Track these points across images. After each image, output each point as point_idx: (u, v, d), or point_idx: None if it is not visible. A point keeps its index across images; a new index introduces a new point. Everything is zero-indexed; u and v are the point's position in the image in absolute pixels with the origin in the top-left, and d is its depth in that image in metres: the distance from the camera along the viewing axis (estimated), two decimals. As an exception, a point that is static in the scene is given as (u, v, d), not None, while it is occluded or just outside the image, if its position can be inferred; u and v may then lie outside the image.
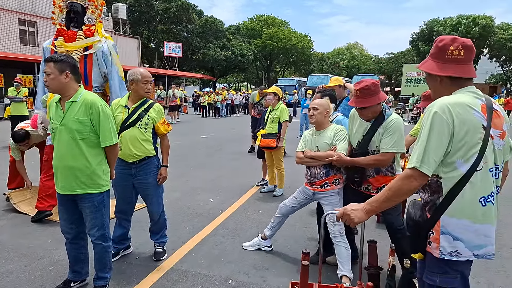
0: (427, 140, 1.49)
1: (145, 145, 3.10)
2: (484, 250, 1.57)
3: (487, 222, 1.54)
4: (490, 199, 1.54)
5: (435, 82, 1.64)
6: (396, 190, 1.53)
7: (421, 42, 40.63)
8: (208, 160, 8.27)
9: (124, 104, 3.12)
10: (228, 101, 23.22)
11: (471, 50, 1.58)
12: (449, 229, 1.54)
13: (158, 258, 3.30)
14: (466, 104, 1.51)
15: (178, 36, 38.21)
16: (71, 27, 4.55)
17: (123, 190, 3.20)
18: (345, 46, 69.60)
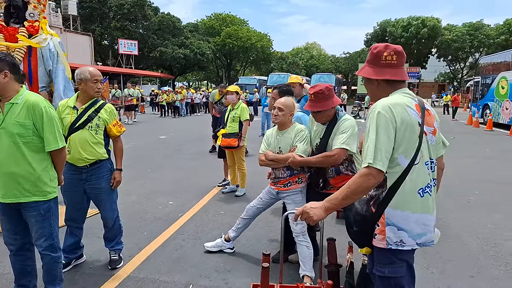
0: (376, 139, 1.57)
1: (96, 148, 2.94)
2: (424, 238, 1.69)
3: (426, 211, 1.67)
4: (427, 190, 1.67)
5: (372, 86, 1.78)
6: (355, 188, 1.57)
7: (375, 42, 42.35)
8: (167, 161, 8.05)
9: (72, 105, 2.93)
10: (187, 100, 22.77)
11: (402, 55, 1.73)
12: (393, 221, 1.64)
13: (113, 266, 3.15)
14: (403, 104, 1.64)
15: (133, 33, 36.88)
16: (11, 23, 4.22)
17: (73, 197, 3.02)
18: (304, 45, 71.11)
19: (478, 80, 18.67)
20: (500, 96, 15.76)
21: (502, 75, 15.74)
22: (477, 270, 3.20)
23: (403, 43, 39.16)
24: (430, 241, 1.71)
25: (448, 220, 4.40)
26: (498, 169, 7.35)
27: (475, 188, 5.89)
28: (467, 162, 8.11)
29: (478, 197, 5.39)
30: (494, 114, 16.08)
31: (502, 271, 3.18)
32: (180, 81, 55.85)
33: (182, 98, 21.73)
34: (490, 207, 4.94)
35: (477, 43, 39.68)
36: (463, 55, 41.72)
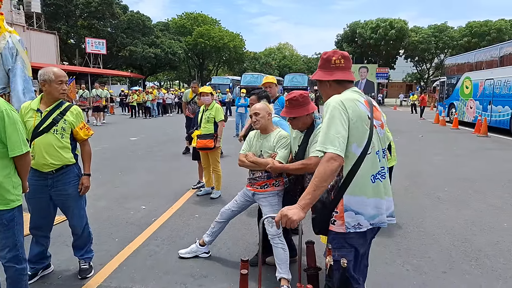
0: (331, 128, 1.71)
1: (63, 153, 2.78)
2: (377, 219, 1.85)
3: (377, 196, 1.84)
4: (378, 177, 1.84)
5: (325, 87, 1.97)
6: (321, 175, 1.65)
7: (345, 43, 43.52)
8: (139, 164, 7.80)
9: (35, 108, 2.75)
10: (159, 100, 22.31)
11: (348, 60, 1.95)
12: (351, 206, 1.80)
13: (84, 276, 2.99)
14: (354, 98, 1.82)
15: (101, 32, 35.70)
16: None
17: (38, 204, 2.84)
18: (276, 46, 71.68)
19: (444, 80, 19.42)
20: (464, 96, 16.50)
21: (466, 75, 16.45)
22: (449, 266, 3.27)
23: (372, 44, 40.38)
24: (382, 222, 1.87)
25: (422, 217, 4.52)
26: (465, 166, 7.63)
27: (444, 185, 6.08)
28: (436, 159, 8.38)
29: (447, 194, 5.56)
30: (459, 113, 16.76)
31: (473, 266, 3.28)
32: (151, 81, 54.76)
33: (154, 99, 21.26)
34: (459, 203, 5.12)
35: (442, 45, 41.43)
36: (429, 56, 43.47)
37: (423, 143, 11.07)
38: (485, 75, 14.71)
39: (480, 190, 5.77)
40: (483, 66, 15.23)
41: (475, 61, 15.97)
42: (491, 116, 14.10)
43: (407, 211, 4.73)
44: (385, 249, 3.60)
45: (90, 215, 3.17)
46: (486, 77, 14.63)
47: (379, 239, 3.80)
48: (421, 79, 46.42)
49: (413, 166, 7.44)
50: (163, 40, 41.07)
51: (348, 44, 43.25)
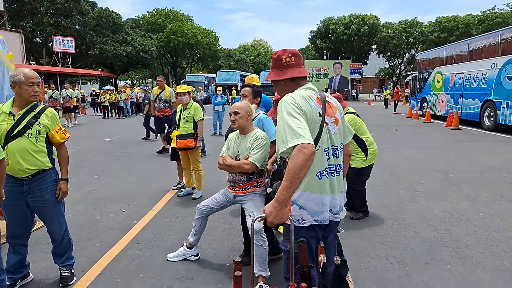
0: (291, 122, 1.71)
1: (38, 157, 2.66)
2: (321, 216, 1.88)
3: (323, 192, 1.86)
4: (325, 174, 1.87)
5: (280, 86, 2.01)
6: (295, 168, 1.62)
7: (319, 40, 44.01)
8: (115, 166, 7.58)
9: (8, 111, 2.62)
10: (132, 100, 21.75)
11: (299, 56, 1.98)
12: (296, 200, 1.85)
13: (65, 284, 2.89)
14: (305, 96, 1.85)
15: (69, 30, 34.34)
16: None
17: (15, 211, 2.71)
18: (251, 42, 71.61)
19: (416, 75, 19.93)
20: (436, 90, 17.05)
21: (437, 69, 16.96)
22: (431, 257, 3.36)
23: (345, 40, 41.05)
24: (326, 219, 1.90)
25: (402, 210, 4.64)
26: (439, 159, 7.86)
27: (421, 178, 6.27)
28: (411, 153, 8.64)
29: (424, 187, 5.73)
30: (431, 106, 17.28)
31: (453, 256, 3.38)
32: (123, 80, 53.36)
33: (127, 98, 20.70)
34: (436, 195, 5.27)
35: (413, 40, 42.67)
36: (400, 51, 44.68)
37: (397, 137, 11.40)
38: (456, 69, 15.21)
39: (455, 182, 5.98)
40: (454, 60, 15.73)
41: (446, 56, 16.47)
42: (461, 109, 14.60)
43: (387, 205, 4.86)
44: (368, 243, 3.68)
45: (68, 220, 3.05)
46: (456, 71, 15.12)
47: (361, 233, 3.91)
48: (393, 74, 47.72)
49: (390, 160, 7.64)
50: (134, 37, 40.07)
51: (322, 40, 43.77)
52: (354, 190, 4.31)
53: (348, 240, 3.68)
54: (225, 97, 4.30)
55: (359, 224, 4.16)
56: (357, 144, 4.17)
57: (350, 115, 4.22)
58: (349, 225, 4.11)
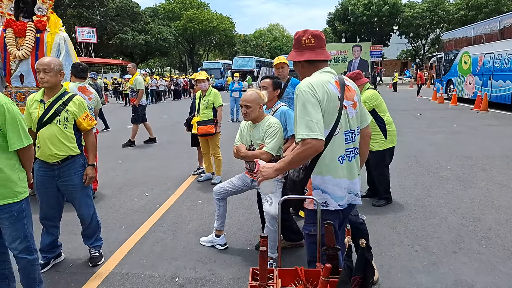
0: (305, 113, 1.74)
1: (67, 143, 2.76)
2: (345, 201, 1.91)
3: (344, 176, 1.89)
4: (346, 158, 1.89)
5: (298, 67, 2.00)
6: (297, 157, 1.76)
7: (338, 22, 42.87)
8: (137, 152, 7.78)
9: (39, 99, 2.73)
10: (152, 88, 22.06)
11: (319, 38, 1.92)
12: (318, 185, 1.87)
13: (94, 264, 3.02)
14: (323, 80, 1.83)
15: (90, 21, 34.92)
16: (21, 17, 4.40)
17: (47, 194, 2.84)
18: (267, 27, 70.70)
19: (441, 56, 19.06)
20: (463, 71, 16.29)
21: (464, 50, 16.16)
22: (459, 246, 3.22)
23: (365, 21, 39.81)
24: (350, 202, 1.94)
25: (427, 197, 4.49)
26: (467, 144, 7.52)
27: (447, 163, 6.03)
28: (436, 138, 8.31)
29: (451, 173, 5.51)
30: (458, 89, 16.54)
31: (484, 246, 3.22)
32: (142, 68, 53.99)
33: (146, 86, 20.97)
34: (463, 182, 5.05)
35: (437, 19, 40.56)
36: (424, 31, 42.67)
37: (421, 122, 11.03)
38: (485, 49, 14.42)
39: (485, 168, 5.70)
40: (482, 40, 14.91)
41: (474, 35, 15.64)
42: (491, 92, 13.88)
43: (411, 191, 4.74)
44: (392, 230, 3.59)
45: (95, 204, 3.16)
46: (485, 51, 14.35)
47: (384, 220, 3.84)
48: (416, 56, 46.03)
49: (414, 145, 7.42)
50: (152, 26, 40.34)
51: (341, 22, 42.63)
52: (378, 175, 4.22)
53: (371, 227, 3.56)
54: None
55: (382, 211, 4.08)
56: (376, 123, 4.04)
57: (371, 91, 4.11)
58: (372, 211, 4.05)
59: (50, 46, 4.46)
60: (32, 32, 4.36)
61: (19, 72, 4.45)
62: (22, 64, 4.41)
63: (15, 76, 4.46)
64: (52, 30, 4.54)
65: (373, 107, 4.02)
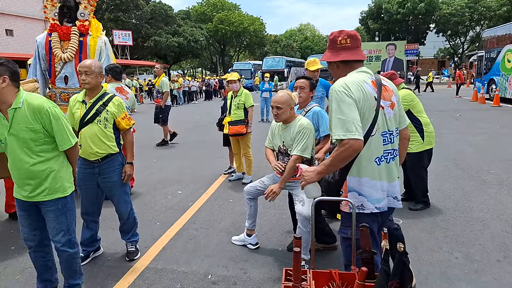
0: (342, 113, 1.71)
1: (107, 142, 2.88)
2: (383, 203, 1.86)
3: (382, 179, 1.85)
4: (383, 159, 1.85)
5: (333, 68, 1.97)
6: (337, 159, 1.74)
7: (371, 20, 41.81)
8: (171, 151, 7.98)
9: (81, 99, 2.88)
10: (185, 88, 22.58)
11: (355, 39, 1.91)
12: (354, 187, 1.84)
13: (131, 258, 3.13)
14: (359, 80, 1.81)
15: (126, 24, 36.27)
16: (65, 22, 4.64)
17: (88, 191, 2.98)
18: (297, 27, 70.26)
19: (482, 54, 18.07)
20: (506, 70, 15.32)
21: (508, 47, 15.21)
22: (504, 254, 3.04)
23: (399, 19, 38.53)
24: (386, 206, 1.88)
25: (467, 202, 4.27)
26: (511, 146, 7.09)
27: (489, 167, 5.70)
28: (477, 140, 7.86)
29: (493, 176, 5.20)
30: (500, 89, 15.57)
31: None
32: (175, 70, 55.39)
33: (179, 87, 21.51)
34: (508, 186, 4.73)
35: (478, 16, 38.39)
36: (463, 29, 40.56)
37: (461, 123, 10.49)
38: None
39: (530, 171, 5.30)
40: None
41: (519, 32, 14.61)
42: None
43: (450, 195, 4.52)
44: (430, 236, 3.44)
45: (132, 200, 3.26)
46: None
47: (422, 225, 3.69)
48: (454, 55, 43.94)
49: (453, 148, 7.09)
50: (185, 28, 41.24)
51: (374, 21, 41.54)
52: (415, 178, 4.07)
53: (407, 232, 3.46)
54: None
55: (419, 215, 3.92)
56: (413, 124, 3.91)
57: (406, 91, 3.98)
58: (408, 216, 3.90)
59: (92, 49, 4.68)
60: (76, 36, 4.60)
61: (64, 73, 4.70)
62: (66, 66, 4.66)
63: (60, 78, 4.72)
64: (94, 34, 4.78)
65: (408, 107, 3.89)
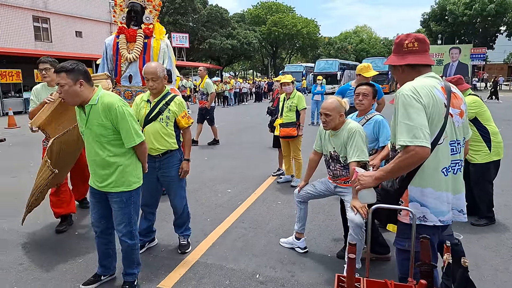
0: (409, 118, 1.64)
1: (167, 139, 3.06)
2: (447, 217, 1.77)
3: (448, 190, 1.75)
4: (451, 170, 1.76)
5: (398, 72, 1.90)
6: (397, 165, 1.67)
7: (433, 22, 39.53)
8: (221, 150, 8.19)
9: (146, 99, 3.09)
10: (236, 90, 23.05)
11: (423, 42, 1.84)
12: (416, 197, 1.76)
13: (183, 251, 3.27)
14: (429, 85, 1.72)
15: (184, 27, 37.90)
16: (131, 25, 4.99)
17: (148, 184, 3.13)
18: (353, 29, 68.47)
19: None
20: None
21: None
22: None
23: (466, 22, 35.94)
24: (450, 219, 1.79)
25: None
26: None
27: None
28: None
29: None
30: None
31: None
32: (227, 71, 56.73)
33: (231, 88, 22.00)
34: None
35: (555, 18, 35.03)
36: (538, 32, 37.13)
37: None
38: None
39: None
40: None
41: None
42: None
43: (518, 210, 4.14)
44: (495, 254, 3.18)
45: (186, 197, 3.40)
46: None
47: (485, 241, 3.44)
48: (528, 60, 40.02)
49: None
50: (239, 31, 42.11)
51: (437, 23, 39.20)
52: (480, 191, 3.78)
53: (468, 248, 3.21)
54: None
55: (483, 231, 3.64)
56: (479, 133, 3.65)
57: (473, 97, 3.72)
58: (470, 231, 3.63)
59: (156, 51, 4.97)
60: (141, 38, 4.93)
61: (128, 73, 5.04)
62: (131, 66, 5.00)
63: (125, 77, 5.07)
64: (157, 37, 5.08)
65: (474, 115, 3.63)
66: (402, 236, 1.83)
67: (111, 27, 26.42)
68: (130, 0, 4.90)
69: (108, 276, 2.79)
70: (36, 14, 21.73)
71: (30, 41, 21.27)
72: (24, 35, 20.98)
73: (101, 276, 2.75)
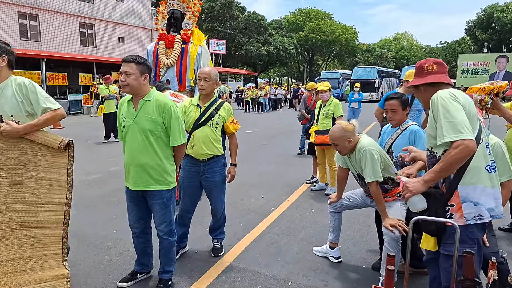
0: (449, 116, 1.67)
1: (215, 144, 3.11)
2: (496, 211, 1.79)
3: (495, 186, 1.80)
4: (493, 167, 1.82)
5: (420, 92, 2.02)
6: (448, 162, 1.67)
7: (479, 30, 37.71)
8: (255, 155, 8.24)
9: (196, 103, 3.14)
10: (271, 96, 23.14)
11: (441, 65, 1.98)
12: (468, 197, 1.75)
13: (216, 254, 3.31)
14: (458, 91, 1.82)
15: (222, 33, 38.71)
16: (171, 31, 5.19)
17: (190, 188, 3.19)
18: (393, 36, 66.66)
19: None
20: None
21: None
22: None
23: (513, 29, 33.92)
24: (501, 213, 1.81)
25: None
26: None
27: None
28: None
29: None
30: None
31: None
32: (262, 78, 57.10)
33: (266, 94, 22.12)
34: None
35: None
36: None
37: None
38: None
39: None
40: None
41: None
42: None
43: None
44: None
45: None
46: None
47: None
48: None
49: None
50: (276, 37, 42.35)
51: (483, 30, 37.34)
52: None
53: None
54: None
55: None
56: None
57: None
58: (514, 248, 3.43)
59: (192, 56, 5.13)
60: (178, 43, 5.12)
61: (166, 77, 5.24)
62: (169, 70, 5.20)
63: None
64: (195, 42, 5.25)
65: None
66: (451, 242, 1.76)
67: (152, 33, 27.52)
68: (171, 8, 5.09)
69: (145, 274, 2.89)
70: (82, 21, 23.07)
71: (76, 46, 22.51)
72: (71, 40, 22.25)
73: (137, 273, 2.85)
